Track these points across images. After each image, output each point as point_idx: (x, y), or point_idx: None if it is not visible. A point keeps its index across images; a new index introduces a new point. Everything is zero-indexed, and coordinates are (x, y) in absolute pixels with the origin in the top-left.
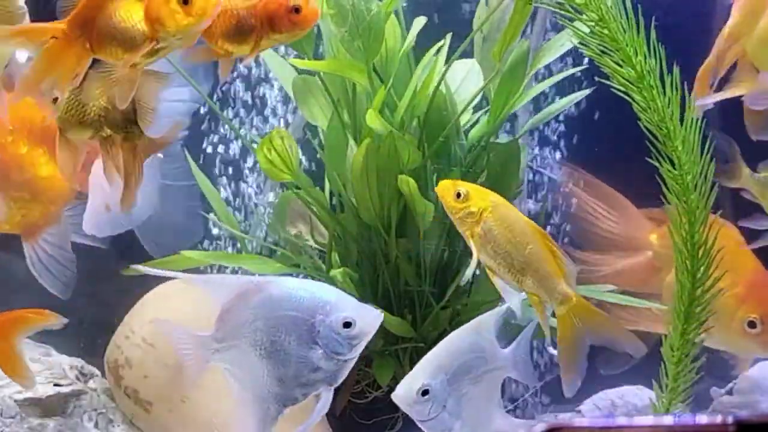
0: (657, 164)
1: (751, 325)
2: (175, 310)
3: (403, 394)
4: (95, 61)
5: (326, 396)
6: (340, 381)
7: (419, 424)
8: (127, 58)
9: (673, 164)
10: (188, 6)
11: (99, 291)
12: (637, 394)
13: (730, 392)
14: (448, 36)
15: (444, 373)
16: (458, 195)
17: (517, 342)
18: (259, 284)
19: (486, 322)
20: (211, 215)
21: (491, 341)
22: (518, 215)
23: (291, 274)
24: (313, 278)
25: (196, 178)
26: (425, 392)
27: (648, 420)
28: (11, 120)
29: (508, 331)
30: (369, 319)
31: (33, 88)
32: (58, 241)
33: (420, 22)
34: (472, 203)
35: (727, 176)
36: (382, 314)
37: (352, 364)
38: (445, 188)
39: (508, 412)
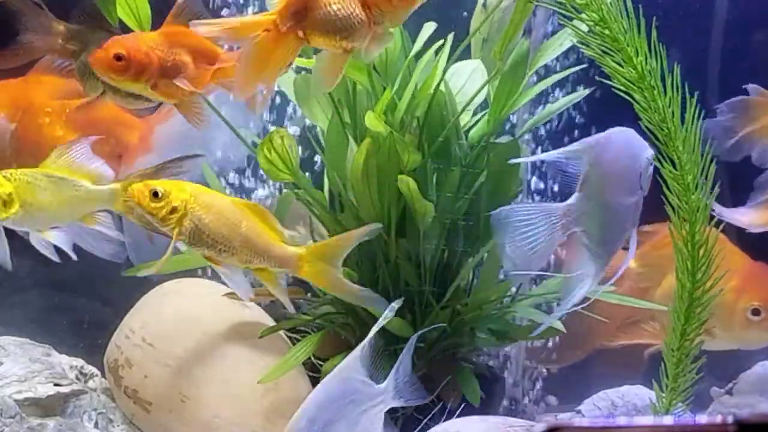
0: (658, 164)
1: (755, 312)
2: (175, 309)
3: None
4: None
5: (634, 238)
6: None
7: None
8: (345, 45)
9: (674, 164)
10: None
11: (99, 291)
12: (637, 394)
13: (730, 392)
14: (450, 36)
15: (317, 426)
16: (155, 194)
17: (394, 372)
18: (594, 140)
19: (352, 364)
20: None
21: (363, 381)
22: (222, 197)
23: None
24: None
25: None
26: None
27: (648, 420)
28: (49, 102)
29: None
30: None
31: (252, 83)
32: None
33: (429, 27)
34: (172, 198)
35: None
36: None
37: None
38: (139, 191)
39: (509, 412)
